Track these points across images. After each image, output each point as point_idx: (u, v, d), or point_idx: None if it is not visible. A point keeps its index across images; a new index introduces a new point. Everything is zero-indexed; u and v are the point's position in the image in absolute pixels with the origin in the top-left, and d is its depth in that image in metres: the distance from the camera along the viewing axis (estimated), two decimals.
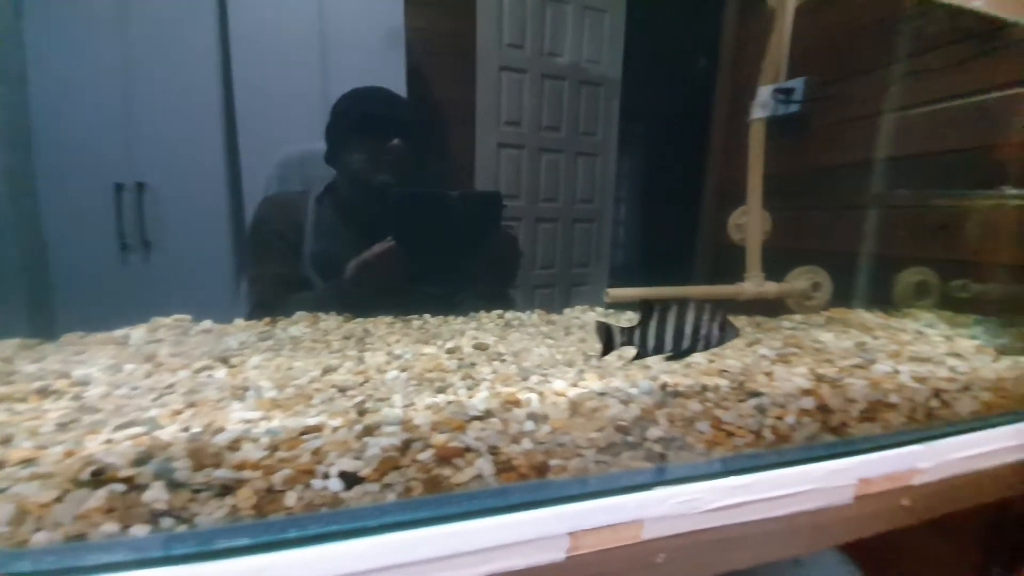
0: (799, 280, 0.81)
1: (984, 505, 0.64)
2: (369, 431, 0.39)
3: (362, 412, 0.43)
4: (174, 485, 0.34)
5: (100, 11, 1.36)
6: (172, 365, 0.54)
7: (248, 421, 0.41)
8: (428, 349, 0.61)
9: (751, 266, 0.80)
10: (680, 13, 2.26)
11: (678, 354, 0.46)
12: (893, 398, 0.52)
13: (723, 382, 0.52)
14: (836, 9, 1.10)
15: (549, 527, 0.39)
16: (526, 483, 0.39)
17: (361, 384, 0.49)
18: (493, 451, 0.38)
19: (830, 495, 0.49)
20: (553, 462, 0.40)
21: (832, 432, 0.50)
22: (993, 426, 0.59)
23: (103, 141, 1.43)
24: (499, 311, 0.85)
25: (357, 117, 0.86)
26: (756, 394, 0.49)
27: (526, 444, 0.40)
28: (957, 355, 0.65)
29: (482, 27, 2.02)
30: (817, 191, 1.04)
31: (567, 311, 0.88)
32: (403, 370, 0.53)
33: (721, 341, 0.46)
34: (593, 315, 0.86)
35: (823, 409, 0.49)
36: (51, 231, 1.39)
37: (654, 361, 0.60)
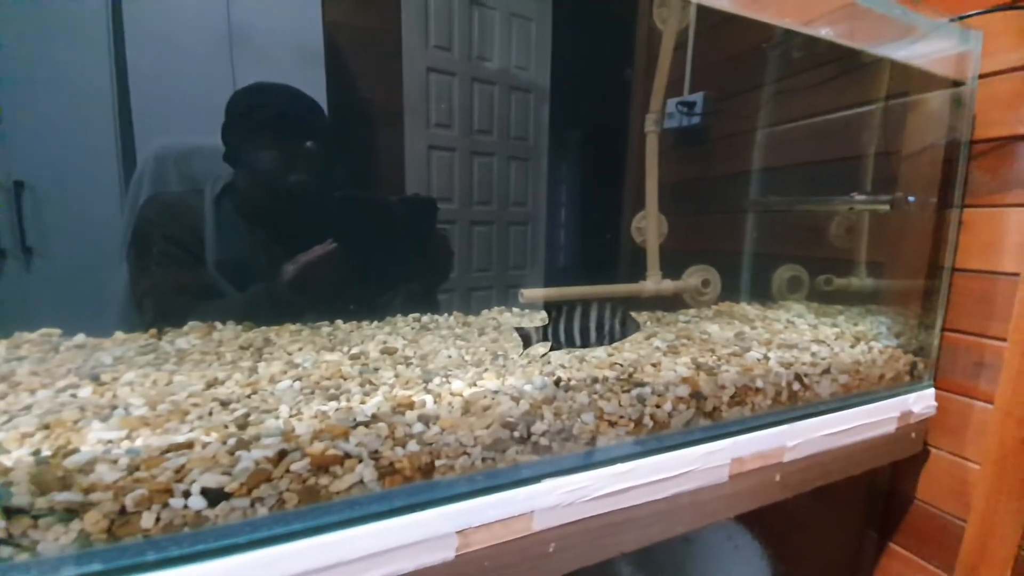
0: (692, 278, 0.88)
1: (855, 477, 0.73)
2: (244, 444, 0.38)
3: (243, 425, 0.41)
4: (11, 511, 0.31)
5: None
6: (31, 385, 0.49)
7: (108, 441, 0.38)
8: (331, 356, 0.59)
9: (651, 266, 0.86)
10: (600, 26, 2.36)
11: (584, 347, 0.50)
12: (759, 383, 0.58)
13: (612, 374, 0.56)
14: (722, 34, 1.21)
15: (436, 527, 0.40)
16: (411, 485, 0.39)
17: (248, 396, 0.47)
18: (375, 456, 0.38)
19: (707, 475, 0.54)
20: (439, 462, 0.40)
21: (707, 416, 0.54)
22: (852, 406, 0.67)
23: None
24: (416, 315, 0.85)
25: (267, 115, 0.82)
26: (640, 384, 0.53)
27: (412, 446, 0.40)
28: (820, 342, 0.73)
29: (407, 27, 1.99)
30: (709, 197, 1.14)
31: (484, 312, 0.90)
32: (298, 379, 0.51)
33: (623, 335, 0.50)
34: (509, 316, 0.88)
35: (696, 396, 0.53)
36: None
37: (555, 357, 0.63)
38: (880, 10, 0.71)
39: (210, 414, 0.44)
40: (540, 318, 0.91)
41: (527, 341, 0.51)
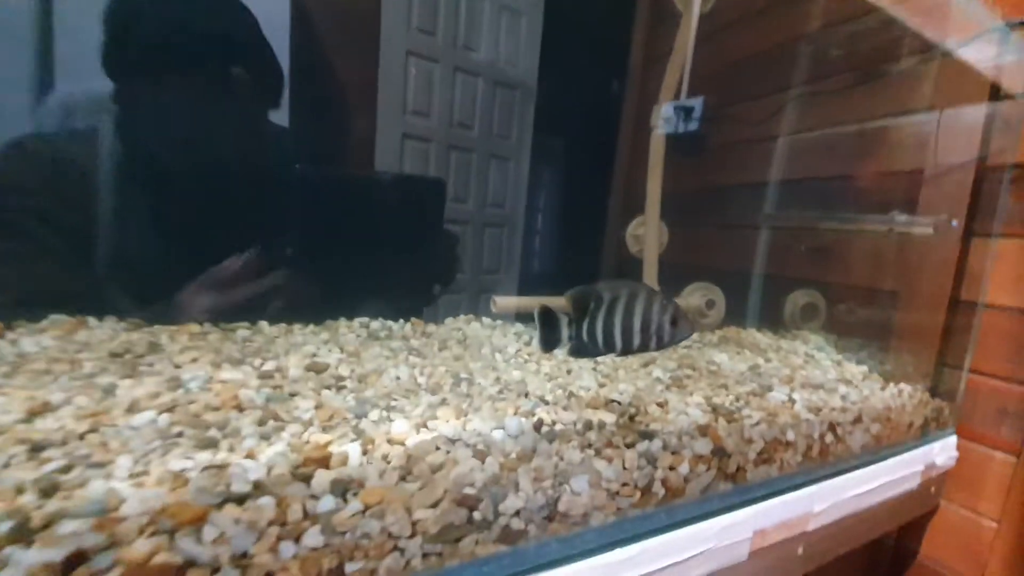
0: (693, 296, 0.76)
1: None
2: (25, 535, 0.22)
3: (50, 490, 0.26)
4: None
5: None
6: None
7: None
8: (233, 373, 0.44)
9: (648, 280, 0.74)
10: (594, 26, 2.27)
11: (625, 352, 0.37)
12: (790, 435, 0.46)
13: (610, 417, 0.42)
14: (732, 36, 1.11)
15: None
16: None
17: (80, 436, 0.32)
18: (241, 562, 0.24)
19: (724, 555, 0.41)
20: (352, 566, 0.26)
21: (729, 479, 0.42)
22: (880, 459, 0.56)
23: None
24: (365, 319, 0.70)
25: (167, 30, 0.56)
26: (648, 435, 0.40)
27: (311, 538, 0.26)
28: (847, 382, 0.62)
29: (388, 3, 1.84)
30: (712, 208, 1.04)
31: (449, 321, 0.76)
32: (170, 409, 0.36)
33: (674, 339, 0.36)
34: (478, 326, 0.74)
35: (719, 452, 0.41)
36: None
37: (534, 386, 0.50)
38: None
39: (5, 465, 0.28)
40: (513, 331, 0.78)
41: (551, 338, 0.37)
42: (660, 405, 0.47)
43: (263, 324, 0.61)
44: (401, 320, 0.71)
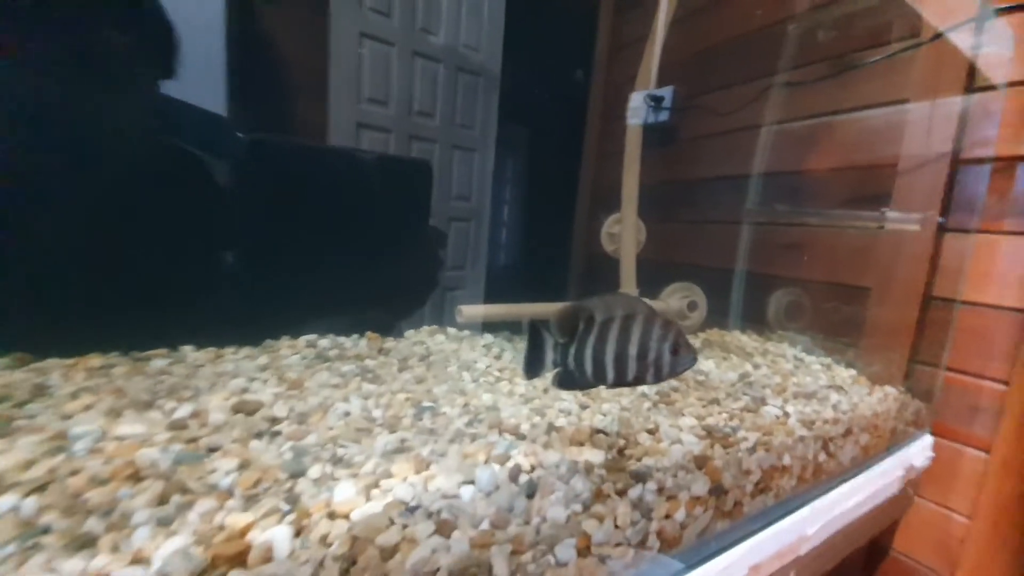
0: (674, 298, 0.72)
1: None
2: None
3: None
4: None
5: None
6: None
7: None
8: (133, 426, 0.36)
9: (625, 281, 0.70)
10: (559, 10, 2.20)
11: (618, 384, 0.32)
12: (786, 459, 0.43)
13: (597, 456, 0.37)
14: (705, 21, 1.07)
15: None
16: None
17: None
18: None
19: None
20: None
21: (726, 517, 0.38)
22: (865, 469, 0.54)
23: None
24: (312, 336, 0.61)
25: None
26: (640, 477, 0.35)
27: None
28: (839, 388, 0.60)
29: None
30: (688, 204, 1.01)
31: (410, 333, 0.68)
32: (40, 488, 0.28)
33: (674, 370, 0.31)
34: (443, 339, 0.67)
35: (716, 491, 0.36)
36: None
37: (508, 413, 0.44)
38: None
39: None
40: (483, 343, 0.71)
41: (535, 361, 0.32)
42: (651, 432, 0.42)
43: (187, 349, 0.52)
44: (355, 335, 0.63)
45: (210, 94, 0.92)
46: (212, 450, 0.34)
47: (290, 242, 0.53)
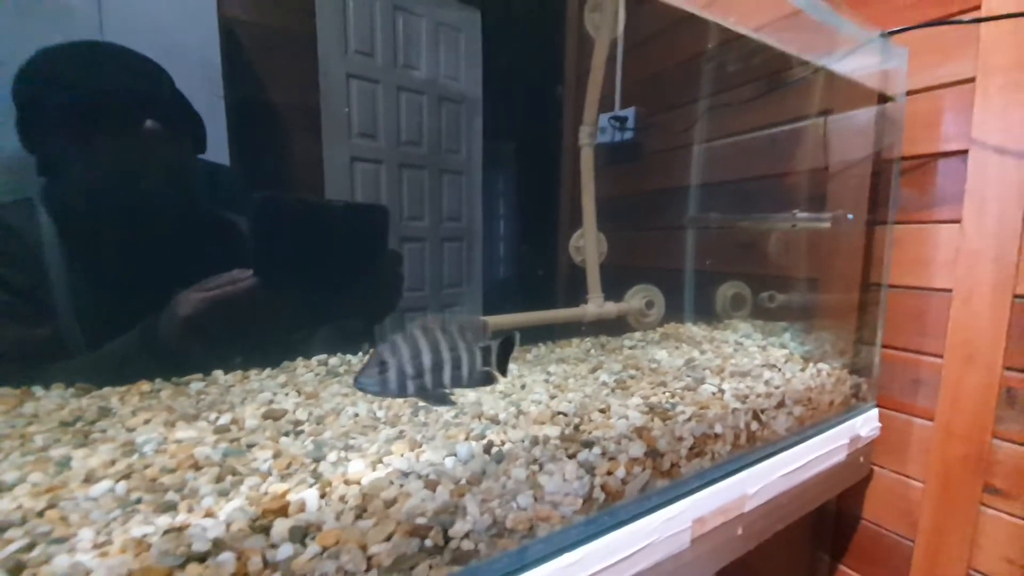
0: (635, 299, 0.82)
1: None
2: None
3: (16, 569, 0.27)
4: None
5: None
6: None
7: None
8: (188, 431, 0.45)
9: (591, 288, 0.79)
10: (529, 39, 2.34)
11: (422, 396, 0.38)
12: (718, 428, 0.52)
13: (555, 430, 0.46)
14: (653, 46, 1.19)
15: None
16: None
17: (39, 513, 0.33)
18: None
19: (668, 545, 0.46)
20: None
21: (665, 476, 0.46)
22: (806, 439, 0.62)
23: None
24: (323, 356, 0.71)
25: (75, 96, 0.57)
26: (588, 444, 0.44)
27: None
28: (772, 366, 0.68)
29: (323, 29, 1.84)
30: (648, 213, 1.11)
31: None
32: (127, 476, 0.37)
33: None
34: None
35: (652, 453, 0.45)
36: None
37: (489, 406, 0.53)
38: (813, 14, 0.69)
39: None
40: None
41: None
42: (602, 411, 0.51)
43: (218, 373, 0.62)
44: (360, 352, 0.73)
45: (220, 150, 1.04)
46: (251, 446, 0.43)
47: (290, 276, 0.64)
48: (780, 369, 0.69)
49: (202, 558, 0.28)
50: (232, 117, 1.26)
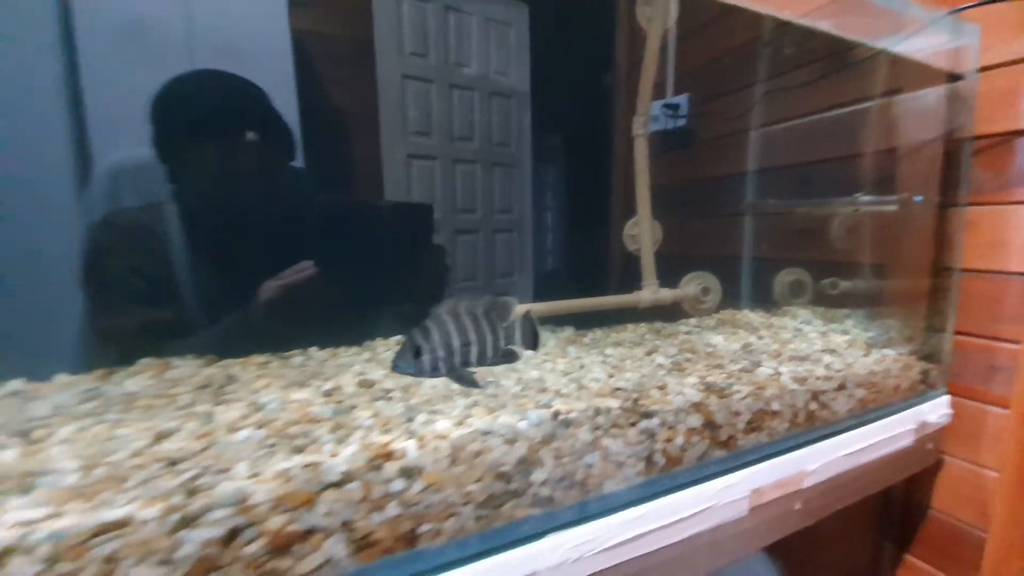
0: (690, 285, 0.83)
1: (871, 495, 0.69)
2: (188, 521, 0.31)
3: (192, 492, 0.35)
4: None
5: None
6: None
7: (28, 523, 0.31)
8: (301, 394, 0.53)
9: (646, 275, 0.82)
10: (579, 29, 2.34)
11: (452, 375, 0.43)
12: (775, 405, 0.54)
13: (616, 403, 0.50)
14: (710, 33, 1.18)
15: None
16: (391, 558, 0.33)
17: (200, 452, 0.41)
18: (347, 527, 0.32)
19: (725, 511, 0.49)
20: (424, 527, 0.34)
21: (722, 446, 0.49)
22: (868, 421, 0.62)
23: None
24: (399, 336, 0.79)
25: (193, 117, 0.69)
26: (648, 414, 0.47)
27: (392, 510, 0.34)
28: (832, 351, 0.69)
29: (380, 34, 1.94)
30: (701, 201, 1.11)
31: None
32: (260, 426, 0.45)
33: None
34: None
35: (710, 425, 0.48)
36: None
37: (551, 383, 0.58)
38: (877, 1, 0.68)
39: (154, 479, 0.37)
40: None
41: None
42: (660, 388, 0.55)
43: (312, 350, 0.71)
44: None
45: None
46: (352, 407, 0.50)
47: (344, 266, 0.71)
48: (841, 354, 0.69)
49: (336, 486, 0.35)
50: (304, 124, 1.37)
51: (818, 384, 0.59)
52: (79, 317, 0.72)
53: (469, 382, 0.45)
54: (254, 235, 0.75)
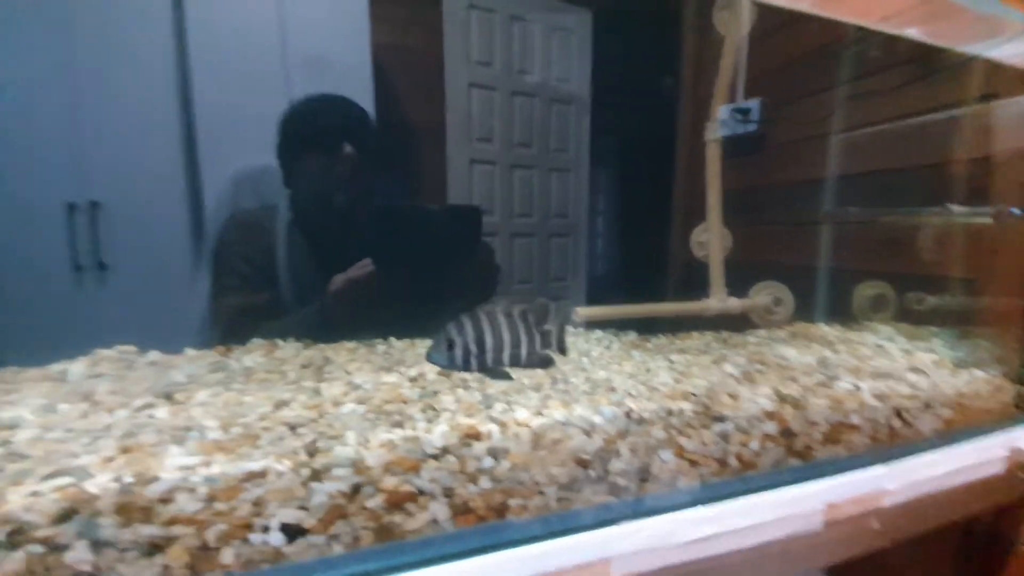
0: (761, 295, 0.82)
1: (953, 523, 0.65)
2: (317, 475, 0.37)
3: (312, 452, 0.41)
4: (99, 544, 0.31)
5: (47, 17, 1.31)
6: (110, 404, 0.50)
7: (186, 468, 0.38)
8: (389, 377, 0.58)
9: (714, 283, 0.81)
10: (644, 35, 2.33)
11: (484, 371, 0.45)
12: (854, 419, 0.53)
13: (687, 405, 0.52)
14: (786, 36, 1.15)
15: (511, 571, 0.37)
16: (484, 525, 0.37)
17: (314, 420, 0.47)
18: (448, 493, 0.36)
19: (799, 522, 0.49)
20: (513, 502, 0.38)
21: (797, 456, 0.49)
22: (955, 443, 0.60)
23: (54, 158, 1.36)
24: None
25: (305, 132, 0.81)
26: (720, 418, 0.49)
27: (484, 483, 0.38)
28: (917, 370, 0.66)
29: (450, 44, 2.03)
30: (775, 207, 1.08)
31: None
32: (360, 402, 0.50)
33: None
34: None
35: (786, 433, 0.49)
36: None
37: (619, 383, 0.60)
38: (970, 6, 0.65)
39: (280, 439, 0.43)
40: (595, 338, 0.88)
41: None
42: (732, 396, 0.55)
43: (392, 340, 0.77)
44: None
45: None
46: (435, 392, 0.55)
47: (398, 265, 0.78)
48: (927, 374, 0.66)
49: (435, 457, 0.39)
50: (384, 135, 1.48)
51: (901, 402, 0.57)
52: (195, 298, 0.84)
53: (501, 375, 0.48)
54: (341, 233, 0.84)
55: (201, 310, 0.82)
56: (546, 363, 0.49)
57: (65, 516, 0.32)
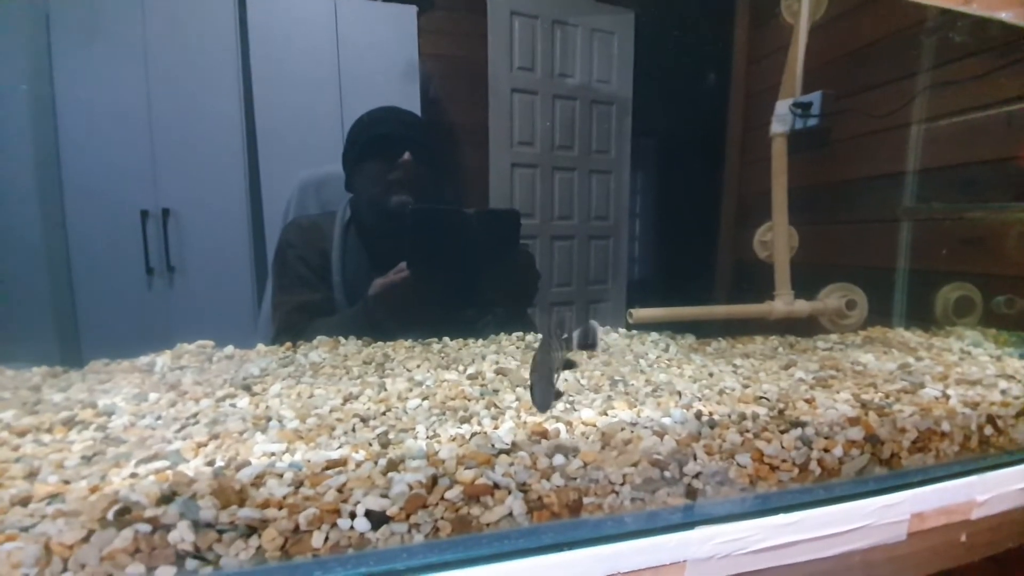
0: (831, 298, 0.78)
1: None
2: (393, 466, 0.37)
3: (385, 444, 0.42)
4: (199, 525, 0.33)
5: (124, 38, 1.42)
6: (195, 394, 0.53)
7: (272, 454, 0.40)
8: (449, 375, 0.59)
9: (780, 284, 0.78)
10: (690, 30, 2.27)
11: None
12: (945, 426, 0.49)
13: (761, 410, 0.50)
14: (852, 23, 1.09)
15: (585, 569, 0.37)
16: (559, 522, 0.37)
17: (383, 413, 0.48)
18: (523, 488, 0.36)
19: (883, 532, 0.46)
20: (587, 500, 0.37)
21: (884, 464, 0.47)
22: None
23: (130, 168, 1.47)
24: (519, 333, 0.84)
25: (368, 139, 0.85)
26: (799, 424, 0.46)
27: (557, 480, 0.38)
28: (1009, 377, 0.61)
29: (493, 52, 2.05)
30: (842, 205, 1.02)
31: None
32: (425, 398, 0.51)
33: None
34: (616, 336, 0.84)
35: (872, 439, 0.46)
36: (78, 258, 1.43)
37: (683, 387, 0.58)
38: None
39: (353, 430, 0.45)
40: (651, 340, 0.86)
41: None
42: (808, 401, 0.53)
43: (446, 339, 0.78)
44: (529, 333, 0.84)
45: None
46: (495, 391, 0.55)
47: (434, 268, 0.79)
48: (1021, 381, 0.61)
49: (507, 452, 0.39)
50: (432, 140, 1.52)
51: (993, 409, 0.53)
52: (268, 298, 0.89)
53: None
54: (394, 236, 0.86)
55: (262, 308, 0.86)
56: (570, 366, 0.54)
57: (167, 498, 0.34)
